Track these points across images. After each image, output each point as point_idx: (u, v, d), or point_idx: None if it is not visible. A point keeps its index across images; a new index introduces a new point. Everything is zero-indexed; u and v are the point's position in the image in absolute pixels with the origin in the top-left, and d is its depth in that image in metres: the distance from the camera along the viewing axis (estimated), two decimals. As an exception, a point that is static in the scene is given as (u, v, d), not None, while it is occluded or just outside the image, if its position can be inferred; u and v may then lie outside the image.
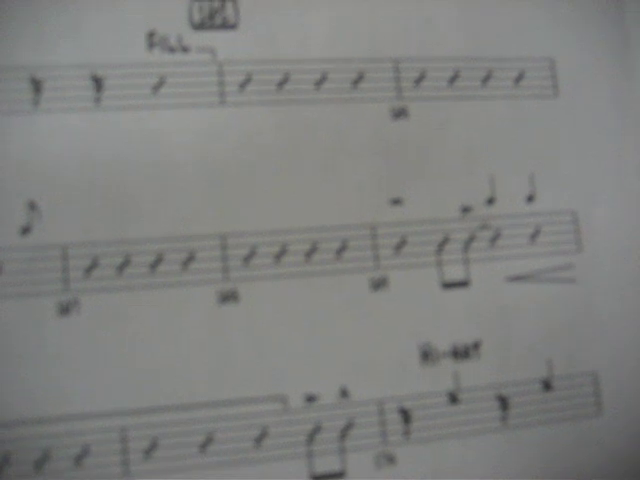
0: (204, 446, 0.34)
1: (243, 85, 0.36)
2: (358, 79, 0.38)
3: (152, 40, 0.36)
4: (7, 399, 0.33)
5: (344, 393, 0.36)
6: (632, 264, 0.39)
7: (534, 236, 0.38)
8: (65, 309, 0.34)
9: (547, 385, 0.38)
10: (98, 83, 0.35)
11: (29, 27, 0.35)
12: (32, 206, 0.34)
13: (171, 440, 0.34)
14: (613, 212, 0.40)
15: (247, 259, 0.35)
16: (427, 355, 0.37)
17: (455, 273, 0.37)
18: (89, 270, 0.34)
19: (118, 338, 0.34)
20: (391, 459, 0.36)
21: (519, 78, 0.39)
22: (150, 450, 0.34)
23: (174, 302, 0.35)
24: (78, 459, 0.33)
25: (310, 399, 0.35)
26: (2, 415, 0.33)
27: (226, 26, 0.37)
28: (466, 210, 0.38)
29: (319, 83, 0.37)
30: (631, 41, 0.41)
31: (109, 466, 0.33)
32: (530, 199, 0.39)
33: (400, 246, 0.37)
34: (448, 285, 0.37)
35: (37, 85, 0.35)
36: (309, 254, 0.36)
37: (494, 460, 0.37)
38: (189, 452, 0.34)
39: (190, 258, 0.35)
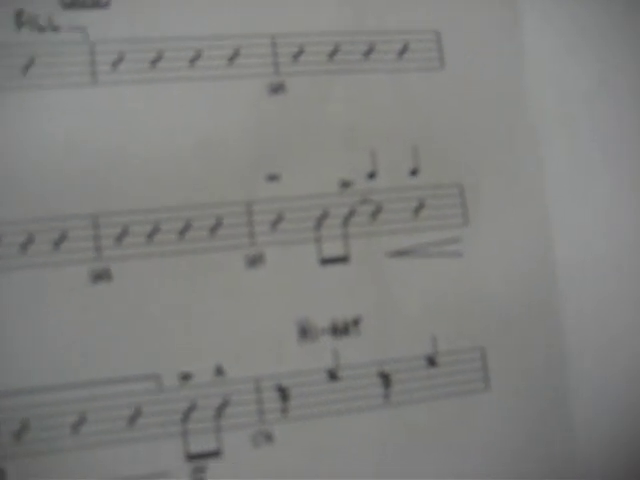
0: (76, 426, 0.33)
1: (115, 64, 0.36)
2: (234, 55, 0.37)
3: (21, 19, 0.36)
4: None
5: (219, 371, 0.35)
6: (519, 238, 0.38)
7: (418, 210, 0.37)
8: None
9: (432, 361, 0.37)
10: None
11: None
12: None
13: (42, 422, 0.33)
14: (500, 185, 0.38)
15: (119, 238, 0.35)
16: (305, 332, 0.36)
17: (334, 249, 0.36)
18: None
19: None
20: (269, 437, 0.35)
21: (403, 51, 0.38)
22: (20, 432, 0.33)
23: (45, 282, 0.34)
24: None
25: (185, 377, 0.34)
26: None
27: (98, 5, 0.36)
28: (345, 185, 0.37)
29: (193, 60, 0.37)
30: (521, 16, 0.41)
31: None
32: (414, 172, 0.38)
33: (277, 222, 0.36)
34: (327, 261, 0.36)
35: None
36: (182, 232, 0.35)
37: (376, 437, 0.36)
38: (61, 433, 0.33)
39: (62, 238, 0.34)
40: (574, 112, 0.41)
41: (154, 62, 0.36)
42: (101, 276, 0.35)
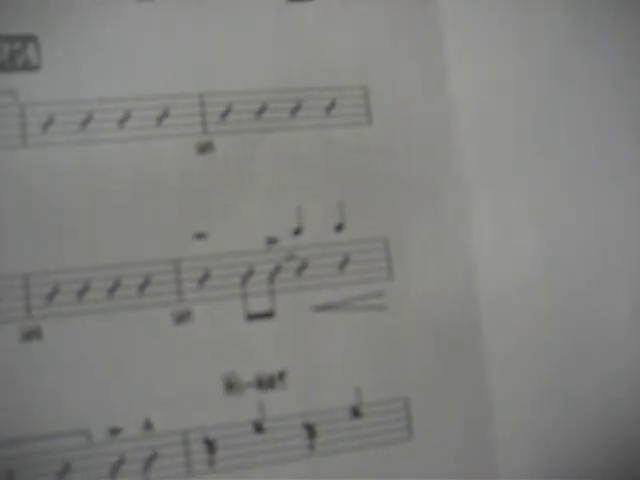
0: (5, 483, 0.35)
1: (45, 126, 0.37)
2: (163, 115, 0.38)
3: None
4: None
5: (148, 425, 0.36)
6: (443, 289, 0.39)
7: (343, 265, 0.38)
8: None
9: (356, 412, 0.37)
10: None
11: None
12: None
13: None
14: (424, 237, 0.39)
15: (50, 297, 0.35)
16: (231, 385, 0.37)
17: (260, 304, 0.37)
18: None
19: None
20: (191, 490, 0.37)
21: (330, 107, 0.39)
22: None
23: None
24: None
25: (114, 432, 0.35)
26: None
27: (28, 67, 0.37)
28: (272, 241, 0.38)
29: (122, 121, 0.37)
30: (448, 69, 0.41)
31: None
32: (339, 228, 0.38)
33: (204, 279, 0.37)
34: (253, 316, 0.37)
35: None
36: (112, 290, 0.36)
37: None
38: (-6, 499, 0.35)
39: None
40: (498, 163, 0.42)
41: (84, 124, 0.37)
42: (31, 335, 0.35)
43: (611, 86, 0.43)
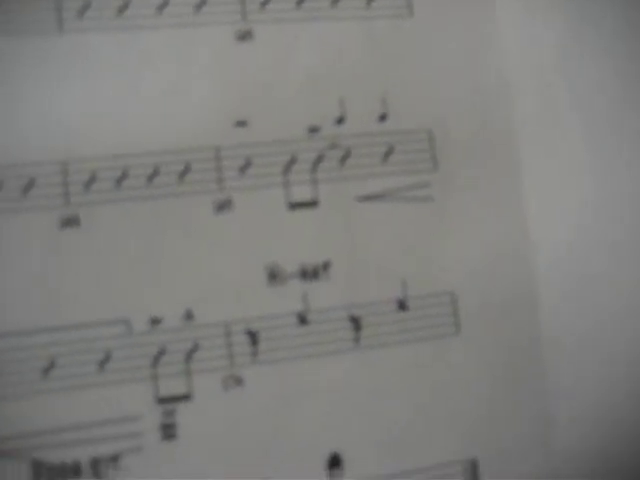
0: (46, 371, 0.33)
1: (81, 11, 0.36)
2: (201, 3, 0.36)
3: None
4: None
5: (189, 316, 0.35)
6: (488, 184, 0.38)
7: (387, 155, 0.37)
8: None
9: (402, 305, 0.36)
10: None
11: None
12: None
13: (11, 366, 0.33)
14: (469, 132, 0.38)
15: (88, 184, 0.34)
16: (274, 276, 0.36)
17: (303, 193, 0.36)
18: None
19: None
20: (239, 381, 0.35)
21: (371, -1, 0.39)
22: (-6, 371, 0.34)
23: (14, 228, 0.34)
24: None
25: (154, 322, 0.34)
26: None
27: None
28: (314, 130, 0.36)
29: (161, 8, 0.36)
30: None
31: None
32: (382, 118, 0.37)
33: (245, 168, 0.36)
34: (295, 205, 0.36)
35: None
36: (151, 177, 0.35)
37: (346, 381, 0.35)
38: (31, 377, 0.33)
39: (30, 184, 0.34)
40: (544, 61, 0.41)
41: (121, 10, 0.37)
42: (70, 222, 0.35)
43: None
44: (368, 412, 0.35)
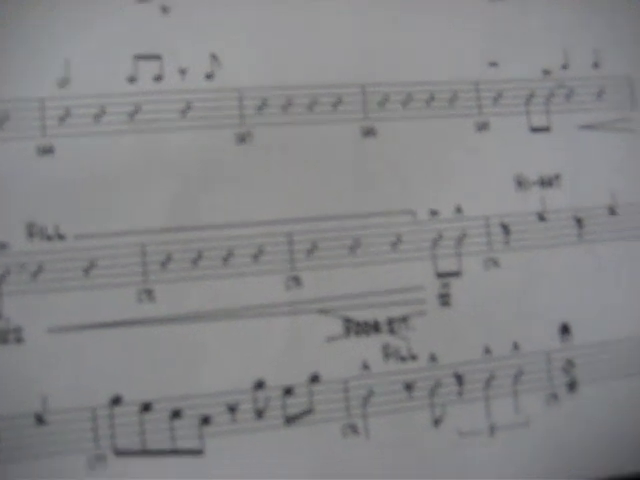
0: (353, 248, 0.41)
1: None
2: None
3: None
4: (197, 208, 0.39)
5: (459, 209, 0.42)
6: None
7: (599, 94, 0.45)
8: (241, 139, 0.41)
9: (612, 211, 0.44)
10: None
11: None
12: (214, 57, 0.41)
13: (328, 243, 0.40)
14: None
15: (382, 103, 0.42)
16: (520, 183, 0.44)
17: (540, 121, 0.44)
18: (259, 109, 0.41)
19: (283, 163, 0.41)
20: (495, 263, 0.42)
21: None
22: (312, 250, 0.40)
23: (326, 136, 0.41)
24: (255, 256, 0.39)
25: (433, 213, 0.42)
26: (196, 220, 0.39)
27: None
28: (546, 72, 0.45)
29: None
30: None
31: (278, 263, 0.39)
32: (596, 65, 0.45)
33: (497, 99, 0.44)
34: (535, 129, 0.44)
35: None
36: (428, 102, 0.43)
37: (573, 266, 0.43)
38: (341, 253, 0.40)
39: (337, 102, 0.41)
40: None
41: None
42: (368, 132, 0.42)
43: None
44: (591, 291, 0.44)
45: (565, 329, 0.43)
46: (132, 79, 0.39)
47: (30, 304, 0.38)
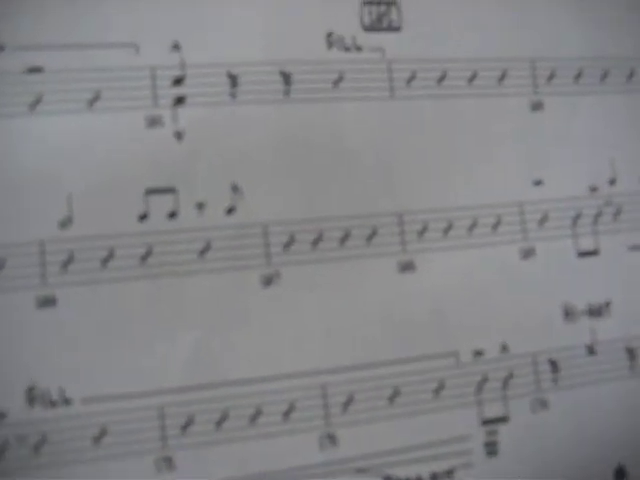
0: (392, 399, 0.36)
1: (409, 81, 0.39)
2: (502, 76, 0.40)
3: (330, 40, 0.39)
4: (219, 361, 0.35)
5: (504, 348, 0.39)
6: None
7: (648, 211, 0.43)
8: (268, 280, 0.37)
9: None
10: (286, 78, 0.38)
11: (224, 31, 0.37)
12: (235, 189, 0.37)
13: (365, 394, 0.36)
14: None
15: (421, 233, 0.38)
16: (568, 313, 0.40)
17: (587, 243, 0.41)
18: (287, 245, 0.37)
19: (314, 304, 0.36)
20: (544, 404, 0.39)
21: (630, 75, 0.42)
22: (347, 403, 0.36)
23: (360, 272, 0.37)
24: (285, 414, 0.35)
25: (477, 354, 0.38)
26: (220, 376, 0.35)
27: (392, 28, 0.39)
28: (593, 189, 0.41)
29: (470, 80, 0.40)
30: None
31: (312, 420, 0.35)
32: (644, 179, 0.43)
33: (543, 221, 0.40)
34: (582, 254, 0.41)
35: (233, 80, 0.37)
36: (470, 228, 0.39)
37: (625, 403, 0.40)
38: (380, 404, 0.36)
39: (372, 234, 0.37)
40: None
41: (440, 80, 0.39)
42: (407, 267, 0.37)
43: None
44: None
45: (621, 473, 0.40)
46: (143, 216, 0.35)
47: (33, 483, 0.34)
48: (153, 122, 0.35)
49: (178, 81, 0.36)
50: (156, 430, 0.34)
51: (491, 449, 0.38)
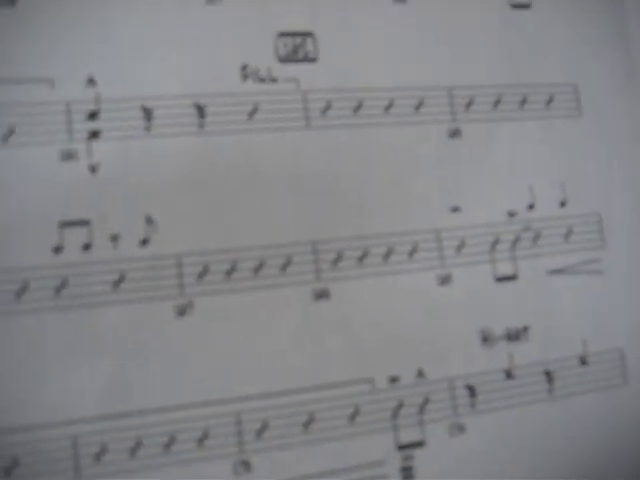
0: (307, 425, 0.37)
1: (324, 110, 0.39)
2: (418, 105, 0.41)
3: (245, 72, 0.39)
4: (133, 390, 0.35)
5: (420, 374, 0.39)
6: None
7: (567, 235, 0.42)
8: (182, 311, 0.37)
9: (583, 361, 0.41)
10: (200, 111, 0.38)
11: (139, 65, 0.37)
12: (149, 220, 0.37)
13: (280, 421, 0.36)
14: (631, 214, 0.43)
15: (335, 262, 0.38)
16: (486, 338, 0.40)
17: (505, 268, 0.41)
18: (201, 276, 0.37)
19: (227, 333, 0.36)
20: (461, 429, 0.39)
21: (549, 101, 0.43)
22: (262, 430, 0.36)
23: (274, 301, 0.37)
24: (200, 441, 0.35)
25: (393, 380, 0.38)
26: (135, 405, 0.35)
27: (308, 59, 0.40)
28: (512, 215, 0.41)
29: (387, 108, 0.41)
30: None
31: (226, 446, 0.35)
32: (563, 204, 0.42)
33: (460, 247, 0.40)
34: (500, 279, 0.41)
35: (148, 113, 0.38)
36: (386, 256, 0.39)
37: (542, 428, 0.40)
38: (294, 431, 0.36)
39: (287, 263, 0.37)
40: None
41: (356, 110, 0.40)
42: (321, 295, 0.37)
43: None
44: (561, 454, 0.41)
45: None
46: (57, 249, 0.35)
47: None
48: (68, 156, 0.36)
49: (93, 115, 0.36)
50: (69, 460, 0.35)
51: (407, 474, 0.38)
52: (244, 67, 0.39)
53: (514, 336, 0.40)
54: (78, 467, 0.34)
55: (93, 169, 0.36)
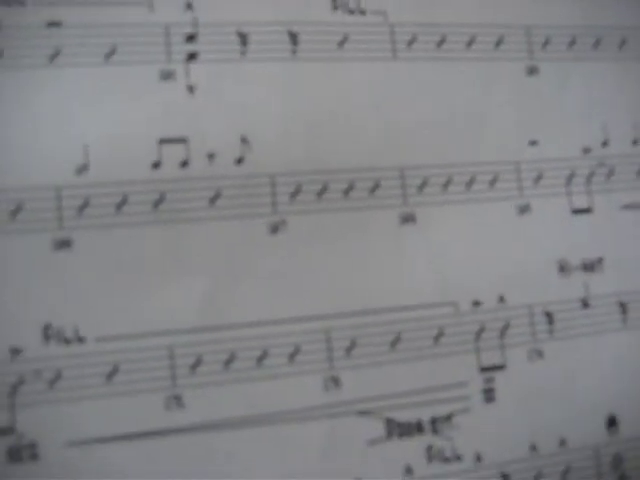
0: (394, 344, 0.37)
1: (410, 43, 0.40)
2: (498, 42, 0.42)
3: (335, 3, 0.40)
4: (228, 304, 0.36)
5: (502, 299, 0.39)
6: None
7: (639, 172, 0.44)
8: (275, 228, 0.38)
9: (654, 294, 0.43)
10: (293, 38, 0.39)
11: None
12: (244, 140, 0.38)
13: (368, 339, 0.37)
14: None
15: (421, 187, 0.39)
16: (563, 268, 0.41)
17: (581, 202, 0.42)
18: (293, 195, 0.38)
19: (318, 251, 0.37)
20: (540, 354, 0.40)
21: (622, 43, 0.43)
22: (351, 348, 0.37)
23: (363, 223, 0.38)
24: (291, 356, 0.36)
25: (476, 304, 0.39)
26: (228, 319, 0.36)
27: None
28: (586, 151, 0.42)
29: (469, 44, 0.41)
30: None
31: (316, 362, 0.36)
32: (635, 142, 0.43)
33: (538, 179, 0.41)
34: (576, 211, 0.42)
35: (243, 38, 0.38)
36: (468, 185, 0.40)
37: (615, 356, 0.40)
38: (382, 350, 0.37)
39: (375, 186, 0.38)
40: None
41: (439, 44, 0.41)
42: (407, 219, 0.38)
43: None
44: (636, 380, 0.42)
45: (612, 422, 0.41)
46: (156, 165, 0.36)
47: (46, 416, 0.34)
48: (167, 76, 0.36)
49: (191, 38, 0.37)
50: (166, 369, 0.35)
51: (489, 395, 0.38)
52: None
53: (589, 267, 0.41)
54: (174, 376, 0.35)
55: (191, 89, 0.37)
